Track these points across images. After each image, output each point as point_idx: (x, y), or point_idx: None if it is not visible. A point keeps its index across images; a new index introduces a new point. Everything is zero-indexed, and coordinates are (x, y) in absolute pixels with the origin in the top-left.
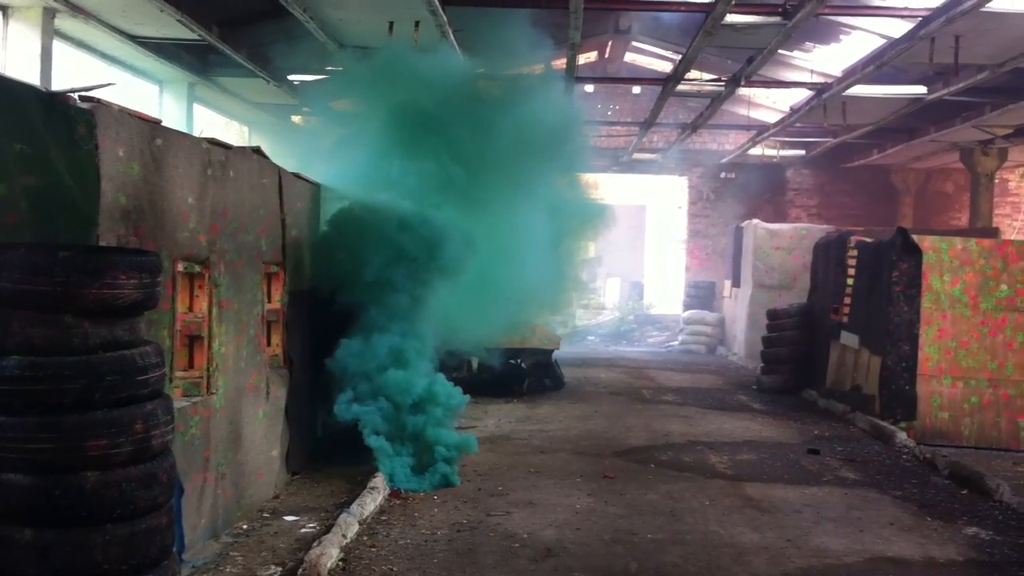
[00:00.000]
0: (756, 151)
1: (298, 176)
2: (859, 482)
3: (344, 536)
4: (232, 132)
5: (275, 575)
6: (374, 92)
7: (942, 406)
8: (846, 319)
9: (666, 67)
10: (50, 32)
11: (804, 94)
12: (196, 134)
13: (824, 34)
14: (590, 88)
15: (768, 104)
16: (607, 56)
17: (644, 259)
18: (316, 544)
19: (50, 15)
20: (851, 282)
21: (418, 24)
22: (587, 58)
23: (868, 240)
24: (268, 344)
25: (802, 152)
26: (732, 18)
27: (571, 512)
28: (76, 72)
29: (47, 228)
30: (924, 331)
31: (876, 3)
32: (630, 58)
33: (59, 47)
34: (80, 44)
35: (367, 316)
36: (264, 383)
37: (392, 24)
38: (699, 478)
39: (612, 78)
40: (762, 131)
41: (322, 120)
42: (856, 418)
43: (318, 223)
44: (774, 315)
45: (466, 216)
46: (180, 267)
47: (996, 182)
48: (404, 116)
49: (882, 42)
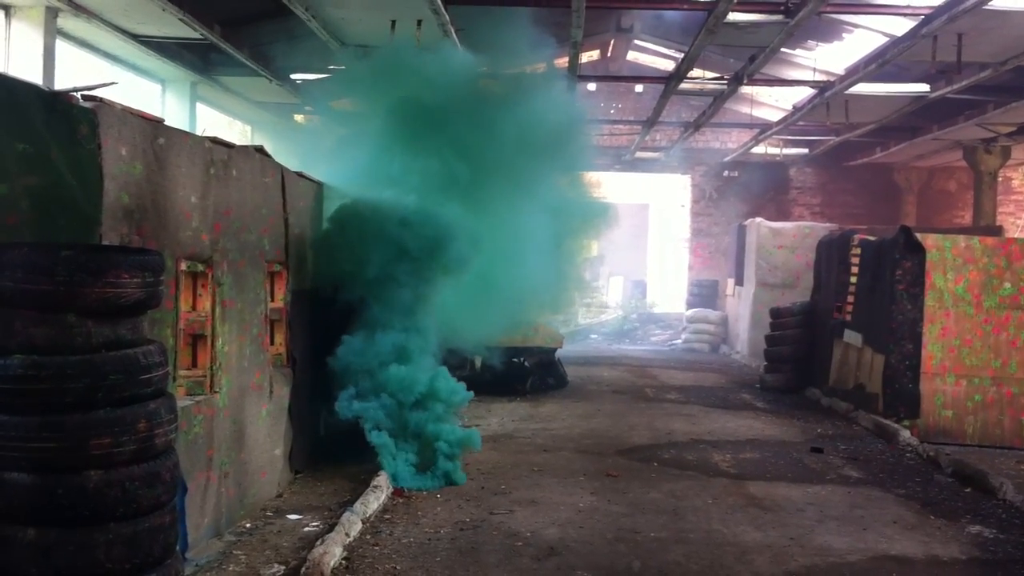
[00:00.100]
0: (759, 150)
1: (301, 175)
2: (862, 480)
3: (347, 535)
4: (235, 131)
5: (278, 574)
6: (376, 90)
7: (945, 404)
8: (849, 317)
9: (668, 66)
10: (52, 31)
11: (807, 92)
12: (199, 133)
13: (826, 32)
14: (592, 87)
15: (771, 102)
16: (609, 55)
17: (647, 258)
18: (319, 543)
19: (52, 14)
20: (854, 280)
21: (420, 23)
22: (589, 57)
23: (871, 238)
24: (271, 343)
25: (805, 150)
26: (734, 16)
27: (574, 511)
28: (78, 71)
29: (49, 228)
30: (927, 329)
31: (878, 1)
32: (632, 57)
33: (61, 46)
34: (82, 43)
35: (370, 313)
36: (267, 382)
37: (394, 23)
38: (702, 477)
39: (614, 77)
40: (765, 129)
41: (324, 119)
42: (859, 416)
43: (321, 222)
44: (777, 314)
45: (469, 214)
46: (183, 266)
47: (999, 180)
48: (406, 112)
49: (885, 40)
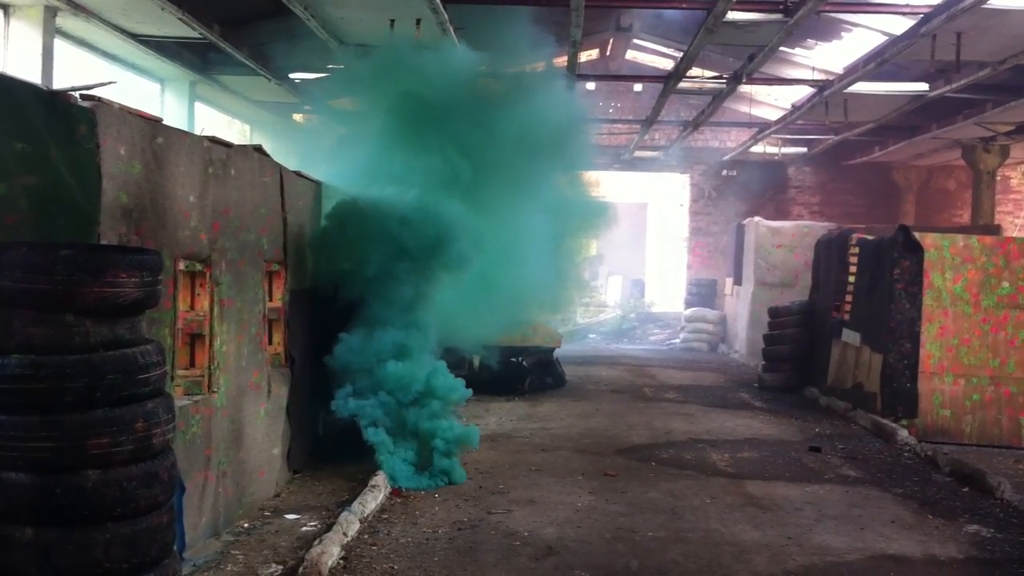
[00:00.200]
0: (758, 149)
1: (300, 174)
2: (860, 480)
3: (345, 534)
4: (233, 130)
5: (276, 573)
6: (375, 89)
7: (943, 404)
8: (848, 317)
9: (667, 65)
10: (51, 31)
11: (806, 91)
12: (197, 132)
13: (825, 31)
14: (591, 86)
15: (769, 101)
16: (608, 54)
17: (646, 257)
18: (317, 542)
19: (51, 13)
20: (853, 280)
21: (419, 22)
22: (588, 56)
23: (870, 238)
24: (269, 342)
25: (804, 150)
26: (733, 15)
27: (572, 510)
28: (77, 71)
29: (48, 227)
30: (925, 328)
31: (877, 0)
32: (631, 56)
33: (60, 46)
34: (81, 43)
35: (368, 311)
36: (265, 381)
37: (393, 22)
38: (700, 476)
39: (613, 76)
40: (764, 129)
41: (323, 118)
42: (857, 416)
43: (319, 221)
44: (775, 313)
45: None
46: (181, 266)
47: (998, 179)
48: (406, 110)
49: (883, 39)
